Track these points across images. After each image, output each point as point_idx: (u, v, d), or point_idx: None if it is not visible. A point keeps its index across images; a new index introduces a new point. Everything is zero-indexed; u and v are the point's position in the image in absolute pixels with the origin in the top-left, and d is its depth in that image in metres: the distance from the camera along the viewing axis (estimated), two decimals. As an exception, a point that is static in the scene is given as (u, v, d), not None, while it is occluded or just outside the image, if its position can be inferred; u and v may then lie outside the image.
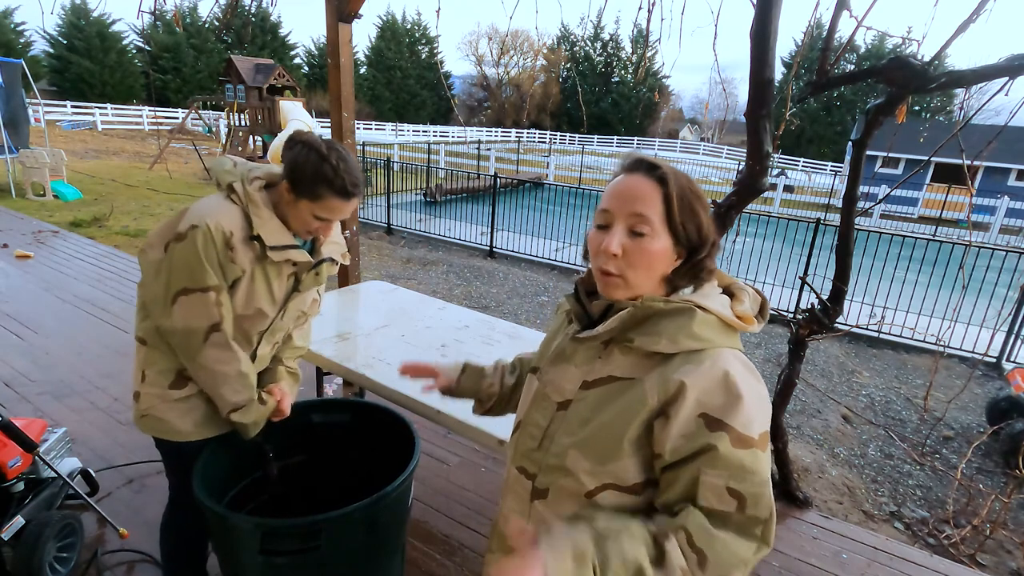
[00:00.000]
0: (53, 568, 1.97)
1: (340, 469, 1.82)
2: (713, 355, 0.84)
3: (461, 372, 1.27)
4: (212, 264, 1.36)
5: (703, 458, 0.80)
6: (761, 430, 0.81)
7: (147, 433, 1.55)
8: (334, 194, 1.38)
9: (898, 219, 18.14)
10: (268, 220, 1.41)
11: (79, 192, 10.09)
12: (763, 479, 0.80)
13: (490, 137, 38.14)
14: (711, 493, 0.80)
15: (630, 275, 0.87)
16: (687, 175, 0.89)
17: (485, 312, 4.51)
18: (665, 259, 0.87)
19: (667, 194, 0.85)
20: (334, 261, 1.61)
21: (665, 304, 0.85)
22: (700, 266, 0.89)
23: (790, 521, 2.65)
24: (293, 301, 1.56)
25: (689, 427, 0.81)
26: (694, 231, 0.87)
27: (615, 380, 0.89)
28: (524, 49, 50.08)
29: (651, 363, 0.87)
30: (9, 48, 26.98)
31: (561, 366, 0.97)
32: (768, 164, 2.17)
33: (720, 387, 0.81)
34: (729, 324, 0.87)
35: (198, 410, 1.53)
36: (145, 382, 1.51)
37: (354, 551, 1.45)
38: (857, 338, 6.84)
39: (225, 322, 1.41)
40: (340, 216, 1.44)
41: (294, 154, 1.37)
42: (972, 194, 8.50)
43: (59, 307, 4.62)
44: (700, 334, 0.84)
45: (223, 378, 1.45)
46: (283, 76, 13.65)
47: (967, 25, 1.90)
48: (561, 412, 0.94)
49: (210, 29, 32.31)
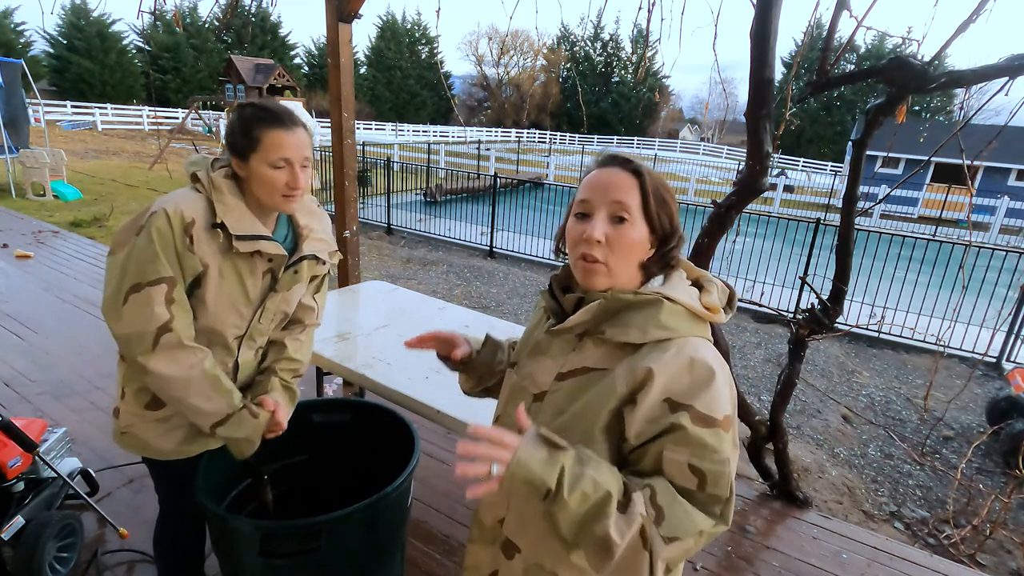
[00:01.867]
0: (53, 568, 1.97)
1: (340, 469, 1.82)
2: (680, 343, 0.87)
3: (483, 344, 1.22)
4: (167, 252, 1.24)
5: (667, 436, 0.83)
6: (725, 412, 0.84)
7: (128, 451, 1.46)
8: (269, 127, 1.28)
9: (898, 219, 18.14)
10: (233, 207, 1.30)
11: (79, 192, 10.09)
12: (724, 458, 0.83)
13: (490, 137, 38.13)
14: (674, 469, 0.83)
15: (612, 261, 0.90)
16: (655, 172, 0.94)
17: (485, 312, 4.52)
18: (642, 246, 0.92)
19: (643, 185, 0.91)
20: (318, 259, 1.49)
21: (634, 296, 0.89)
22: (670, 255, 0.95)
23: (790, 521, 2.65)
24: (271, 301, 1.43)
25: (654, 412, 0.84)
26: (667, 221, 0.93)
27: (588, 371, 0.92)
28: (524, 49, 50.14)
29: (622, 353, 0.90)
30: (9, 48, 27.01)
31: (537, 359, 1.01)
32: (768, 164, 2.16)
33: (686, 372, 0.84)
34: (696, 314, 0.90)
35: (180, 429, 1.43)
36: (124, 399, 1.42)
37: (354, 552, 1.45)
38: (857, 338, 6.84)
39: (177, 321, 1.26)
40: (291, 152, 1.29)
41: (225, 132, 1.35)
42: (972, 194, 8.51)
43: (59, 307, 4.62)
44: (668, 324, 0.88)
45: (184, 385, 1.28)
46: (283, 76, 13.67)
47: (967, 25, 1.90)
48: (537, 403, 0.97)
49: (210, 29, 32.32)
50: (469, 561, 1.08)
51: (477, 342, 1.23)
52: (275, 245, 1.37)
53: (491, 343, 1.22)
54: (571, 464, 0.80)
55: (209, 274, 1.31)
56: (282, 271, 1.42)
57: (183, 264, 1.28)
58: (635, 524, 0.78)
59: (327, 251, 1.52)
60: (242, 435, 1.39)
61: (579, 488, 0.78)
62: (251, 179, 1.32)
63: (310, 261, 1.47)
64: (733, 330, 6.77)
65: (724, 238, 2.46)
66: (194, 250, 1.27)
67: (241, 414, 1.37)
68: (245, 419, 1.38)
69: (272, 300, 1.44)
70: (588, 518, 0.78)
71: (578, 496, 0.78)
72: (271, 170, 1.30)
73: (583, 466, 0.80)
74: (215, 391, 1.33)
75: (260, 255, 1.37)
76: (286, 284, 1.43)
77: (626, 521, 0.78)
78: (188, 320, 1.31)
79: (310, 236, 1.47)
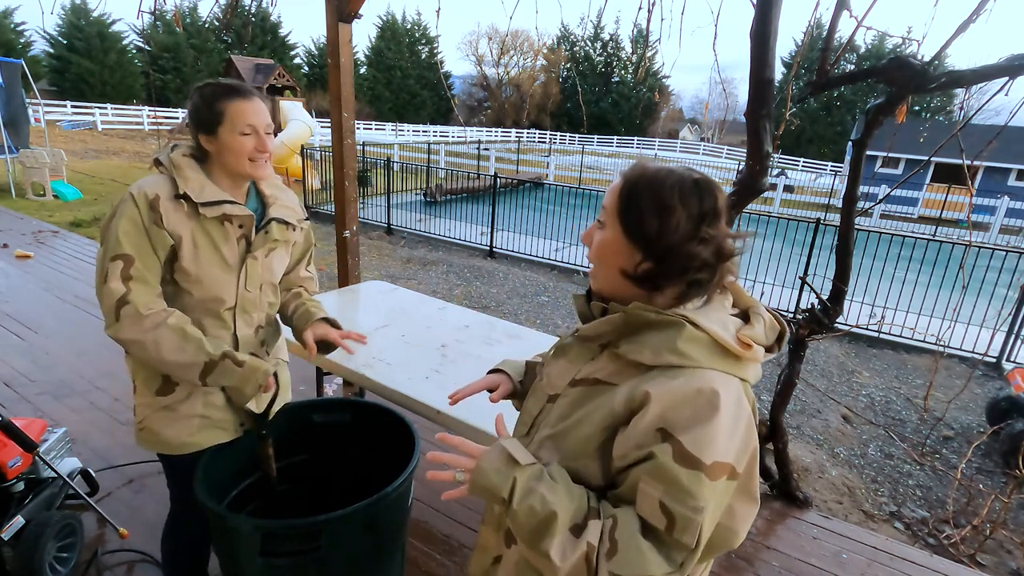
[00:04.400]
0: (53, 568, 1.97)
1: (340, 469, 1.82)
2: (691, 373, 0.80)
3: (525, 373, 1.22)
4: (133, 232, 1.33)
5: (645, 465, 0.79)
6: (716, 458, 0.76)
7: (145, 449, 1.54)
8: (230, 99, 1.38)
9: (898, 219, 18.14)
10: (192, 178, 1.39)
11: (79, 192, 10.09)
12: (699, 506, 0.76)
13: (490, 137, 38.13)
14: (647, 504, 0.78)
15: (592, 265, 0.92)
16: (667, 180, 0.84)
17: (485, 312, 4.51)
18: (616, 253, 0.87)
19: (622, 189, 0.87)
20: (288, 224, 1.57)
21: (656, 315, 0.83)
22: (665, 277, 0.84)
23: (790, 521, 2.66)
24: (250, 266, 1.49)
25: (645, 438, 0.79)
26: (652, 230, 0.83)
27: (597, 383, 0.89)
28: (524, 49, 50.14)
29: (633, 372, 0.85)
30: (9, 48, 27.01)
31: (559, 361, 1.00)
32: (768, 164, 2.16)
33: (688, 404, 0.77)
34: (723, 347, 0.82)
35: (190, 419, 1.49)
36: (137, 393, 1.51)
37: (354, 552, 1.45)
38: (857, 338, 6.84)
39: (134, 294, 1.33)
40: (255, 118, 1.39)
41: (189, 111, 1.42)
42: (972, 194, 8.50)
43: (59, 307, 4.62)
44: (684, 351, 0.81)
45: (154, 343, 1.33)
46: (283, 76, 13.67)
47: (967, 25, 1.90)
48: (550, 404, 0.97)
49: (210, 29, 32.31)
50: (480, 541, 1.09)
51: (518, 369, 1.23)
52: (240, 207, 1.44)
53: (531, 370, 1.22)
54: (526, 479, 0.82)
55: (184, 244, 1.38)
56: (253, 233, 1.49)
57: (153, 240, 1.36)
58: (579, 550, 0.77)
59: (295, 217, 1.60)
60: (231, 383, 1.45)
61: (527, 502, 0.80)
62: (221, 150, 1.41)
63: (280, 225, 1.55)
64: (733, 330, 6.76)
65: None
66: (163, 224, 1.35)
67: (224, 363, 1.41)
68: (229, 368, 1.42)
69: (252, 266, 1.50)
70: (534, 532, 0.80)
71: (525, 509, 0.80)
72: (240, 137, 1.39)
73: (538, 482, 0.81)
74: (184, 340, 1.37)
75: (231, 221, 1.44)
76: (259, 245, 1.50)
77: (573, 545, 0.78)
78: (149, 293, 1.36)
79: (275, 203, 1.57)
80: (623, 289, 0.88)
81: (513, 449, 0.85)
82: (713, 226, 0.83)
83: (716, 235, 0.83)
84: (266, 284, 1.57)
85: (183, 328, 1.37)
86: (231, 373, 1.43)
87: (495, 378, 1.21)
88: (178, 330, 1.36)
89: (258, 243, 1.50)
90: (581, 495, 0.83)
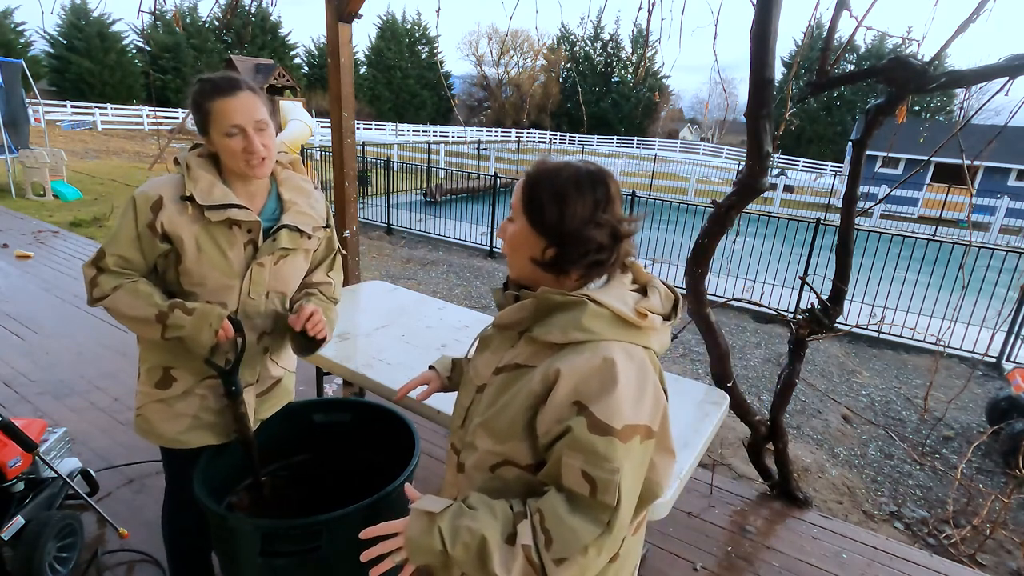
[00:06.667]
0: (53, 568, 1.97)
1: (341, 469, 1.82)
2: (596, 346, 0.87)
3: (452, 368, 1.32)
4: (123, 234, 1.35)
5: (565, 439, 0.85)
6: (627, 422, 0.84)
7: (140, 436, 1.54)
8: (213, 98, 1.32)
9: (898, 219, 18.15)
10: (200, 179, 1.36)
11: (79, 192, 10.09)
12: (615, 467, 0.83)
13: (490, 137, 38.11)
14: (570, 474, 0.85)
15: (508, 254, 0.98)
16: (563, 172, 0.92)
17: (485, 312, 4.50)
18: (526, 243, 0.94)
19: (525, 181, 0.95)
20: (301, 232, 1.49)
21: (561, 297, 0.91)
22: (568, 260, 0.92)
23: (790, 521, 2.66)
24: (256, 273, 1.44)
25: (562, 412, 0.86)
26: (553, 218, 0.91)
27: (518, 367, 0.95)
28: (524, 49, 50.14)
29: (547, 352, 0.92)
30: (9, 48, 27.00)
31: (483, 353, 1.06)
32: (768, 164, 2.16)
33: (595, 375, 0.85)
34: (624, 319, 0.89)
35: (183, 418, 1.50)
36: (140, 380, 1.52)
37: (354, 551, 1.44)
38: (857, 338, 6.84)
39: (102, 277, 1.36)
40: (239, 117, 1.32)
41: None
42: (972, 194, 8.52)
43: (59, 307, 4.62)
44: (588, 326, 0.88)
45: (113, 304, 1.36)
46: (283, 76, 13.63)
47: (967, 25, 1.90)
48: (479, 395, 1.02)
49: (210, 29, 32.33)
50: None
51: (446, 366, 1.32)
52: (246, 212, 1.39)
53: (459, 366, 1.31)
54: (447, 522, 0.86)
55: (186, 246, 1.36)
56: (261, 239, 1.44)
57: (144, 246, 1.37)
58: (519, 556, 0.83)
59: (311, 225, 1.53)
60: (186, 333, 1.37)
61: (459, 541, 0.84)
62: (219, 152, 1.38)
63: (291, 232, 1.48)
64: (733, 330, 6.78)
65: (724, 238, 2.46)
66: (164, 225, 1.35)
67: (174, 313, 1.37)
68: (179, 317, 1.36)
69: (256, 272, 1.45)
70: (476, 561, 0.84)
71: (460, 548, 0.84)
72: (226, 139, 1.34)
73: (460, 518, 0.86)
74: (135, 297, 1.37)
75: (239, 226, 1.40)
76: (266, 252, 1.44)
77: (511, 554, 0.84)
78: (114, 281, 1.38)
79: (291, 209, 1.50)
80: (535, 275, 0.96)
81: (426, 505, 0.90)
82: (607, 211, 0.92)
83: (610, 219, 0.92)
84: (274, 292, 1.51)
85: (135, 287, 1.38)
86: (182, 322, 1.37)
87: (427, 374, 1.31)
88: (131, 289, 1.37)
89: (265, 250, 1.44)
90: (503, 508, 0.88)
